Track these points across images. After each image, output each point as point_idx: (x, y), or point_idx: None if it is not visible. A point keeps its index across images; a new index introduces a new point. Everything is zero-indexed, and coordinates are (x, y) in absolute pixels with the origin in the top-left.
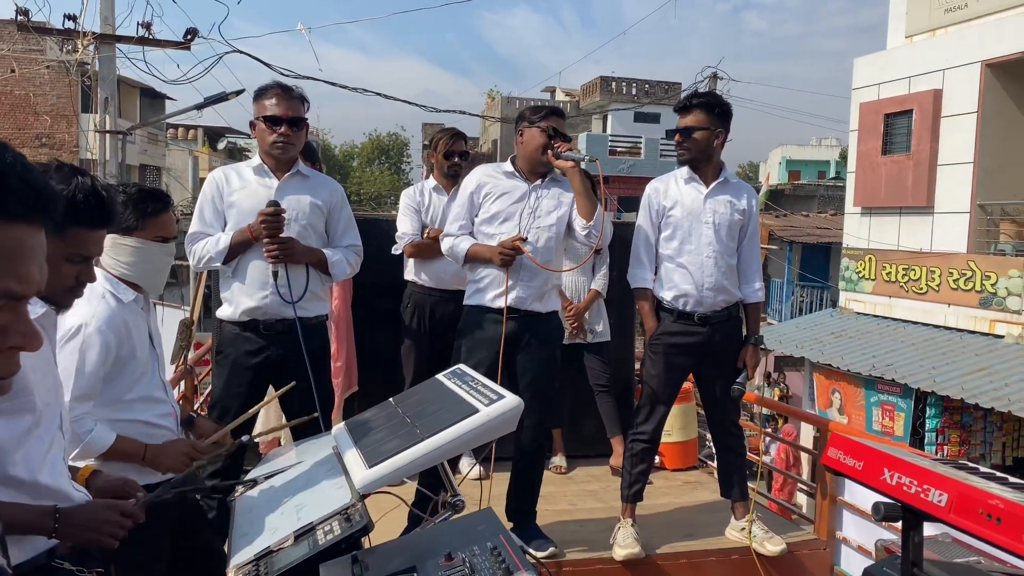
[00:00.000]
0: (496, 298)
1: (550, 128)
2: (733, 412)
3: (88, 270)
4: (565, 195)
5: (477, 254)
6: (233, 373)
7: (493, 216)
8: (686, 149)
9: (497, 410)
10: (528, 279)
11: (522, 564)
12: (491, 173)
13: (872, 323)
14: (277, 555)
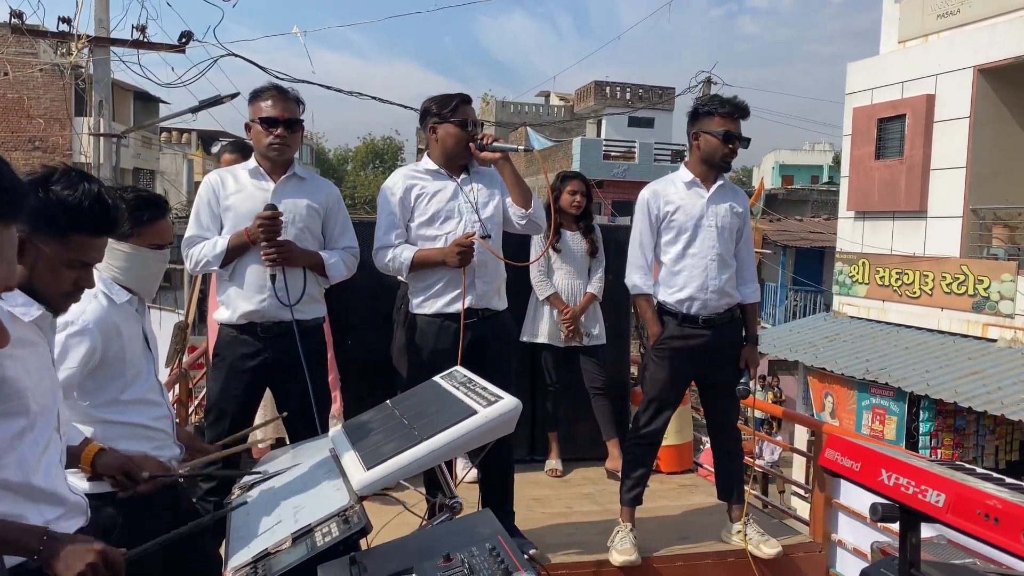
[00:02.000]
0: (454, 302)
1: (467, 121)
2: (733, 414)
3: (87, 276)
4: (493, 184)
5: (426, 258)
6: (230, 376)
7: (432, 217)
8: (735, 155)
9: (496, 411)
10: (486, 276)
11: (521, 565)
12: (414, 175)
13: (866, 327)
14: (275, 557)
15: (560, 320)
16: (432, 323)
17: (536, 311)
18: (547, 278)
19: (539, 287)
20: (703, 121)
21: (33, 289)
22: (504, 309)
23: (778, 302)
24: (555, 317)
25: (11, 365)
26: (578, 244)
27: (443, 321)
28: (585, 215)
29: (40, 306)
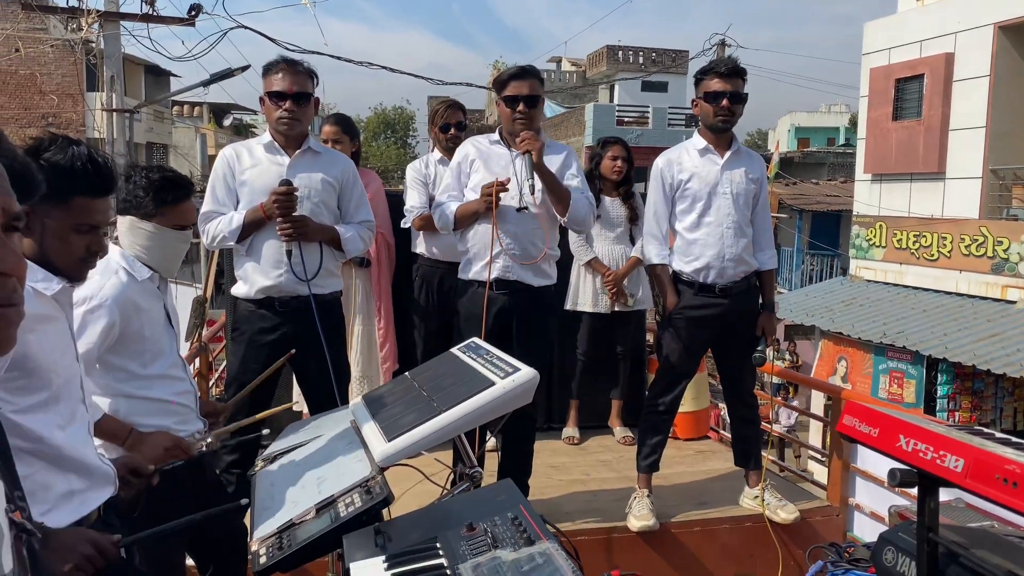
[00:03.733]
0: (482, 270)
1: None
2: (749, 381)
3: (98, 240)
4: (554, 158)
5: (465, 211)
6: (249, 350)
7: (478, 183)
8: (731, 114)
9: (513, 383)
10: (518, 249)
11: (543, 533)
12: (479, 143)
13: (883, 290)
14: (299, 528)
15: (603, 284)
16: (467, 287)
17: (578, 279)
18: (587, 244)
19: (578, 252)
20: (699, 88)
21: (49, 262)
22: (542, 286)
23: (794, 267)
24: (597, 283)
25: (33, 341)
26: (618, 211)
27: (476, 287)
28: (625, 181)
29: (59, 280)
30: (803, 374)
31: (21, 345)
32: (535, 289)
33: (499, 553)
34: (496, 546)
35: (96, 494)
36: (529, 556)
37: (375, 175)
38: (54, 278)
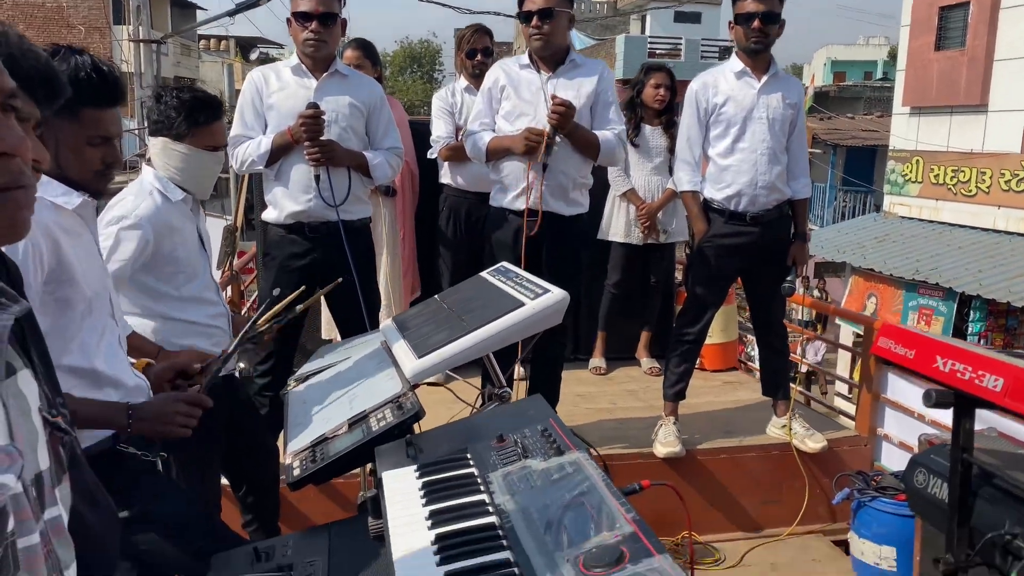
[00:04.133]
0: (516, 198)
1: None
2: (779, 312)
3: (112, 151)
4: (585, 82)
5: (499, 145)
6: (280, 276)
7: (510, 111)
8: (764, 35)
9: (543, 303)
10: (552, 178)
11: (573, 444)
12: (508, 67)
13: (917, 227)
14: (331, 442)
15: (636, 216)
16: (498, 215)
17: (613, 209)
18: (624, 174)
19: (615, 183)
20: (733, 10)
21: (67, 177)
22: (574, 215)
23: (826, 203)
24: (631, 215)
25: (65, 251)
26: (658, 140)
27: (508, 215)
28: (668, 110)
29: (80, 194)
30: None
31: (55, 256)
32: (566, 218)
33: (529, 462)
34: (526, 456)
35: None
36: (559, 465)
37: (398, 103)
38: (74, 192)
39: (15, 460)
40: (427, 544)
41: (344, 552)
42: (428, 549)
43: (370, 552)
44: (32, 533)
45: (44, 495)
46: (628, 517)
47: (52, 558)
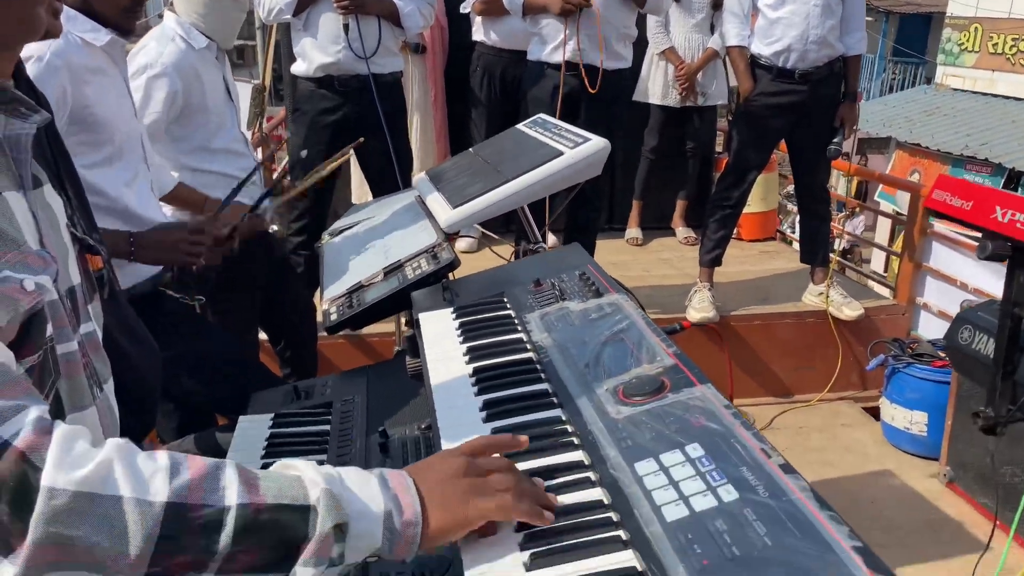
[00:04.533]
0: (555, 51)
1: None
2: (823, 175)
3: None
4: None
5: (534, 3)
6: (311, 132)
7: None
8: None
9: (583, 152)
10: (589, 28)
11: (612, 287)
12: None
13: (970, 100)
14: (368, 289)
15: (675, 77)
16: (536, 69)
17: (651, 68)
18: (664, 30)
19: (654, 39)
20: None
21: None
22: (615, 68)
23: (875, 75)
24: (669, 75)
25: (90, 93)
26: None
27: (546, 69)
28: None
29: (108, 31)
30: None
31: (79, 97)
32: (608, 72)
33: (567, 304)
34: (563, 299)
35: None
36: (598, 306)
37: None
38: (102, 29)
39: (49, 264)
40: (465, 377)
41: (382, 390)
42: (466, 381)
43: (408, 390)
44: (70, 341)
45: (78, 309)
46: (669, 351)
47: (90, 370)
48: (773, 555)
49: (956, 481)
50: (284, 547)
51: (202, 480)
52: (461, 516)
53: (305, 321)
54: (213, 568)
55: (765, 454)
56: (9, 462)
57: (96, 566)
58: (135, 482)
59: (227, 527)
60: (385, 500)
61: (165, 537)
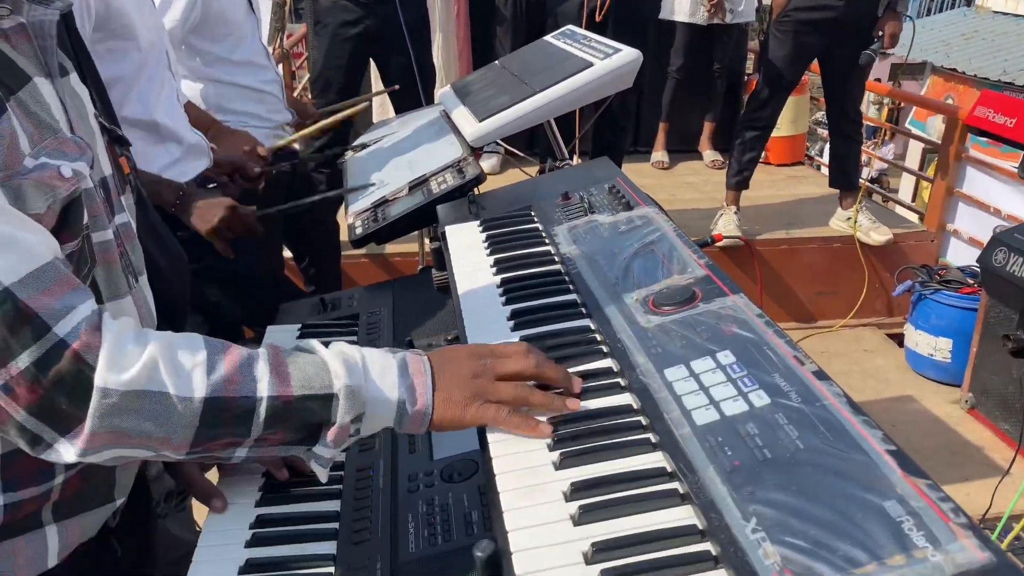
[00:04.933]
0: None
1: None
2: (857, 96)
3: None
4: None
5: None
6: (332, 45)
7: None
8: None
9: (614, 63)
10: None
11: (643, 200)
12: None
13: (1012, 23)
14: (392, 203)
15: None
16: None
17: None
18: None
19: None
20: None
21: None
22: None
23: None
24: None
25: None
26: None
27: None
28: None
29: None
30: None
31: (103, 3)
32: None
33: (596, 217)
34: (592, 212)
35: (193, 164)
36: (628, 219)
37: None
38: None
39: (85, 151)
40: (492, 287)
41: (408, 303)
42: (494, 292)
43: (434, 303)
44: (105, 229)
45: (111, 199)
46: (700, 263)
47: (125, 260)
48: (805, 458)
49: (978, 407)
50: (309, 429)
51: (236, 373)
52: (459, 417)
53: (328, 238)
54: (247, 446)
55: (798, 361)
56: (67, 361)
57: (147, 447)
58: (177, 378)
59: (259, 416)
60: (401, 390)
61: (205, 425)
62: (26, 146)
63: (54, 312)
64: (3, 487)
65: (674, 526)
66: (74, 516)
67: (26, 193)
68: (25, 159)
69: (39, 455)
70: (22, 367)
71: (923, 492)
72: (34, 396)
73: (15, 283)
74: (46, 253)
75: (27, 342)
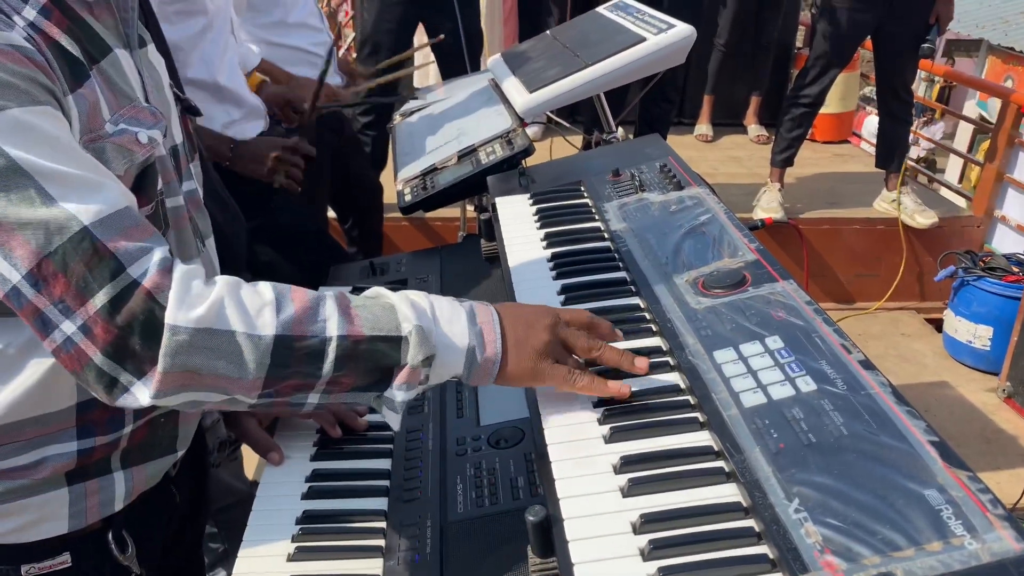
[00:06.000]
0: None
1: None
2: (909, 76)
3: None
4: None
5: None
6: (382, 9)
7: None
8: None
9: (667, 39)
10: None
11: (694, 180)
12: None
13: None
14: (441, 172)
15: None
16: None
17: None
18: None
19: None
20: None
21: None
22: None
23: None
24: None
25: None
26: None
27: None
28: None
29: None
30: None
31: None
32: None
33: (646, 195)
34: (643, 190)
35: (251, 124)
36: (679, 198)
37: None
38: None
39: (160, 119)
40: (543, 261)
41: (456, 270)
42: (544, 265)
43: (481, 271)
44: (177, 195)
45: (181, 167)
46: (752, 247)
47: (194, 224)
48: (849, 444)
49: (1015, 397)
50: (379, 372)
51: (305, 312)
52: (530, 371)
53: (372, 200)
54: (320, 388)
55: (846, 349)
56: (139, 299)
57: (219, 389)
58: (245, 317)
59: (329, 355)
60: (471, 336)
61: (275, 364)
62: (106, 112)
63: (129, 253)
64: (77, 433)
65: (720, 502)
66: (140, 464)
67: (107, 155)
68: (106, 124)
69: (115, 402)
70: (99, 305)
71: (963, 483)
72: (109, 336)
73: (95, 223)
74: (123, 200)
75: (103, 281)
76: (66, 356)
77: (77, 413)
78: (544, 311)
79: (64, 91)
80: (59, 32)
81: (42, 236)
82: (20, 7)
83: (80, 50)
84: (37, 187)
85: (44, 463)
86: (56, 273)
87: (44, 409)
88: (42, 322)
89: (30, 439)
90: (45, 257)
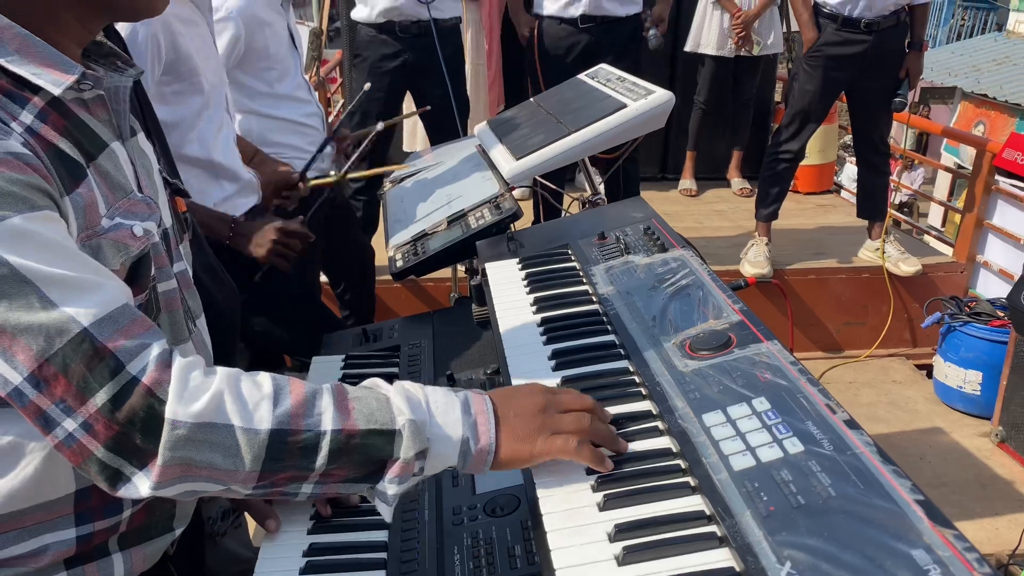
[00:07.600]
0: (566, 5)
1: None
2: (884, 128)
3: None
4: None
5: None
6: (371, 77)
7: None
8: None
9: (647, 105)
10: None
11: (677, 243)
12: None
13: None
14: (432, 237)
15: (731, 25)
16: (551, 26)
17: (704, 17)
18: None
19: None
20: None
21: None
22: (629, 15)
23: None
24: (725, 23)
25: (182, 43)
26: None
27: (559, 24)
28: None
29: None
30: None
31: (172, 48)
32: (622, 19)
33: (632, 258)
34: (628, 252)
35: (244, 200)
36: (663, 260)
37: None
38: None
39: (154, 210)
40: (533, 326)
41: (448, 336)
42: (534, 330)
43: (472, 336)
44: (169, 279)
45: (171, 249)
46: (735, 308)
47: (185, 305)
48: (837, 505)
49: (1008, 441)
50: (372, 464)
51: (301, 407)
52: (527, 452)
53: (364, 264)
54: (312, 480)
55: (830, 409)
56: (139, 396)
57: (216, 480)
58: (243, 411)
59: (323, 449)
60: (464, 428)
61: (270, 459)
62: (103, 207)
63: (128, 351)
64: (76, 520)
65: (713, 568)
66: (138, 545)
67: (104, 251)
68: (102, 220)
69: (117, 492)
70: (99, 404)
71: (949, 542)
72: (111, 432)
73: (94, 324)
74: (121, 297)
75: (104, 380)
76: (68, 451)
77: (75, 500)
78: (536, 391)
79: (61, 192)
80: (56, 135)
81: (43, 340)
82: (17, 112)
83: (78, 151)
84: (38, 293)
85: (45, 551)
86: (57, 375)
87: (43, 497)
88: (44, 420)
89: (29, 527)
90: (46, 360)
